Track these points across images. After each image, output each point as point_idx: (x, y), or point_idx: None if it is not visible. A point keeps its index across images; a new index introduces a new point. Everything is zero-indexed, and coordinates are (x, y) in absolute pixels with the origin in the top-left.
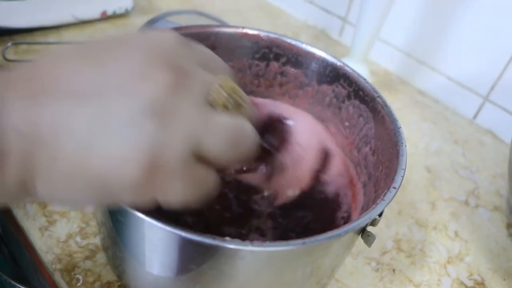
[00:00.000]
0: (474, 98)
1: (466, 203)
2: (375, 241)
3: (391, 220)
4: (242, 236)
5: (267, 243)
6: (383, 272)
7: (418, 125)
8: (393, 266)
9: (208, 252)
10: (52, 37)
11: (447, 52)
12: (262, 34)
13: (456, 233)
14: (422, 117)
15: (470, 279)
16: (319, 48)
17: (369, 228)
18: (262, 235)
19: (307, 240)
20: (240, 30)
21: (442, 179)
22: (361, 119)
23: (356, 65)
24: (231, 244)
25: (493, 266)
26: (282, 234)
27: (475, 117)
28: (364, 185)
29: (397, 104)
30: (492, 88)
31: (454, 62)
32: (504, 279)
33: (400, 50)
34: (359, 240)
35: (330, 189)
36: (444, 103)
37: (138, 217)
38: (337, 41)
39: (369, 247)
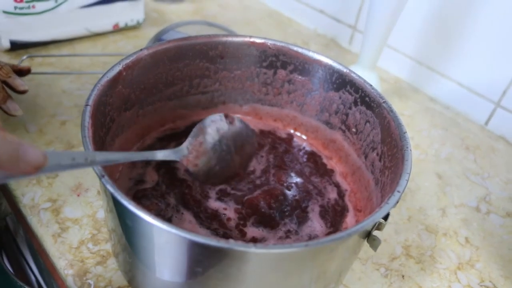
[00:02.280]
0: (485, 104)
1: (478, 209)
2: (384, 247)
3: (401, 226)
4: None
5: (270, 245)
6: (392, 278)
7: (429, 131)
8: (402, 272)
9: (213, 254)
10: (65, 49)
11: (457, 59)
12: (269, 42)
13: (467, 240)
14: (433, 123)
15: (482, 286)
16: (325, 56)
17: (376, 233)
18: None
19: (310, 242)
20: (247, 39)
21: (452, 185)
22: (367, 124)
23: (365, 73)
24: (234, 246)
25: (505, 272)
26: None
27: (487, 123)
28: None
29: (408, 111)
30: (504, 93)
31: (464, 68)
32: None
33: (410, 57)
34: (368, 246)
35: None
36: (456, 109)
37: (145, 220)
38: (347, 49)
39: (375, 251)
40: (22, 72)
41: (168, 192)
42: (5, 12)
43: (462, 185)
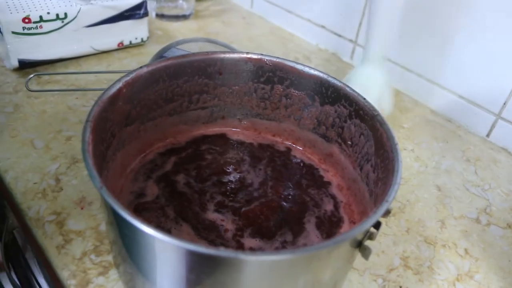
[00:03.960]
0: (486, 116)
1: (478, 220)
2: (382, 258)
3: (399, 237)
4: None
5: (258, 251)
6: None
7: (429, 144)
8: (400, 283)
9: (205, 262)
10: (71, 67)
11: (457, 71)
12: (265, 58)
13: (466, 251)
14: (433, 136)
15: None
16: (320, 70)
17: (371, 243)
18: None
19: (296, 250)
20: (244, 55)
21: (452, 197)
22: (362, 137)
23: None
24: (223, 253)
25: (505, 284)
26: None
27: (488, 135)
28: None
29: (408, 123)
30: (505, 105)
31: (465, 80)
32: None
33: (410, 70)
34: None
35: None
36: (457, 121)
37: (140, 229)
38: (348, 64)
39: (367, 260)
40: None
41: (168, 204)
42: (14, 32)
43: (462, 197)
